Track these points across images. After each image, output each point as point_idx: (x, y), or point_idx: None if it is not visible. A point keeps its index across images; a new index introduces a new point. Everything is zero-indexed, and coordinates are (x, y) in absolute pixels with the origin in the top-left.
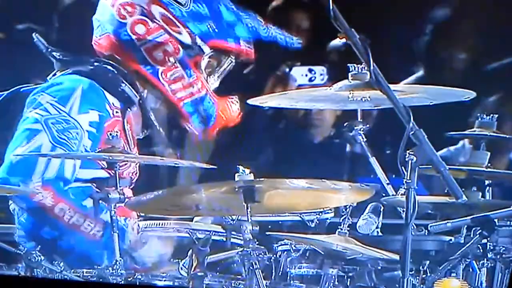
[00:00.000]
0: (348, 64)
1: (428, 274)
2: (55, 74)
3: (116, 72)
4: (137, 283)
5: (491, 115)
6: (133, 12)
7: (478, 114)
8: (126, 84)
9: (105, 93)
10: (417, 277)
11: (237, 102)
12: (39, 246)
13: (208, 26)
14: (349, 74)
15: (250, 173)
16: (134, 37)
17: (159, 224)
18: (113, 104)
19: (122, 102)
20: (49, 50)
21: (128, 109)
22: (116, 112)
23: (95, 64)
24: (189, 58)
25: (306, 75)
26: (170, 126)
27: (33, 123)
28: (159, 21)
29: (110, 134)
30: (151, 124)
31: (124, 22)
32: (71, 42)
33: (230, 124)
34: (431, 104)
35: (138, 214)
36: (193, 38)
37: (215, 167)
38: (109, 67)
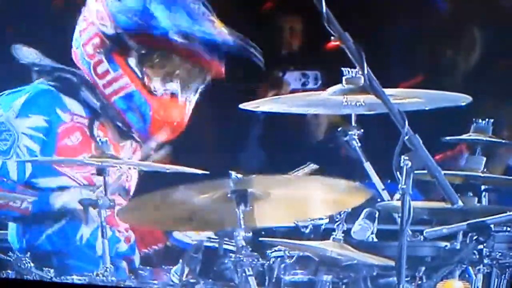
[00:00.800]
0: (342, 68)
1: (424, 281)
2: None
3: (76, 79)
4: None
5: (487, 119)
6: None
7: (474, 119)
8: (85, 91)
9: (63, 99)
10: (413, 284)
11: (187, 103)
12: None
13: (134, 19)
14: (343, 79)
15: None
16: (78, 35)
17: None
18: (73, 111)
19: (88, 109)
20: (26, 62)
21: (97, 117)
22: (77, 118)
23: (60, 72)
24: (114, 51)
25: (300, 80)
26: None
27: None
28: (93, 16)
29: (100, 140)
30: (123, 131)
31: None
32: (51, 51)
33: (178, 127)
34: (426, 108)
35: None
36: (117, 30)
37: (207, 172)
38: (69, 74)
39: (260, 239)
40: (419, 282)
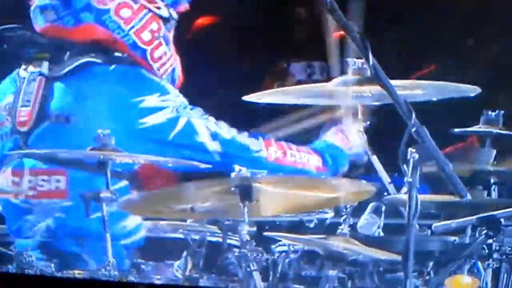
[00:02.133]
0: (348, 59)
1: (432, 276)
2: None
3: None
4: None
5: (498, 111)
6: None
7: (484, 111)
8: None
9: None
10: (421, 279)
11: None
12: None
13: None
14: (349, 69)
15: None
16: (121, 21)
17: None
18: None
19: None
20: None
21: None
22: None
23: (115, 53)
24: (168, 32)
25: (306, 71)
26: None
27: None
28: (140, 1)
29: (101, 132)
30: None
31: (107, 9)
32: None
33: None
34: (434, 99)
35: None
36: (168, 10)
37: (210, 166)
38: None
39: (265, 233)
40: (427, 277)
